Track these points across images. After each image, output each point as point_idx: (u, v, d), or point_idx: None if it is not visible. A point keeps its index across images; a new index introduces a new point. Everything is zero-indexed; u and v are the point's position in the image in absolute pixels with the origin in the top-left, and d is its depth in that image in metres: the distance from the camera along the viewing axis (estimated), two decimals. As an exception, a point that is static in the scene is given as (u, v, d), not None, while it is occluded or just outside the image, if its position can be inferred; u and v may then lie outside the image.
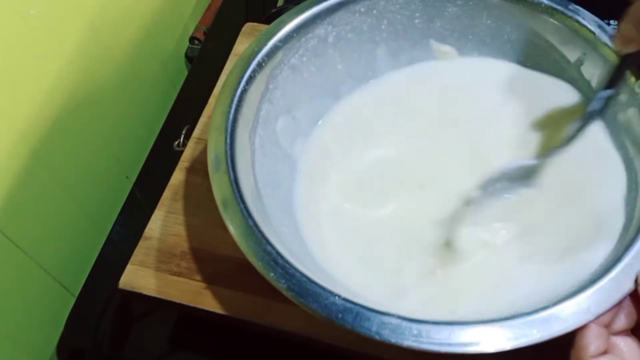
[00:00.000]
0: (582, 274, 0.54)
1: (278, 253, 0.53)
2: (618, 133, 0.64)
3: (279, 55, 0.68)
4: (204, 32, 0.96)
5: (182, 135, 0.75)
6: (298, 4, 0.69)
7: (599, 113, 0.61)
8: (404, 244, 0.64)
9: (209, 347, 0.68)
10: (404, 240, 0.64)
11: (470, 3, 0.72)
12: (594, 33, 0.65)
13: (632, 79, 0.61)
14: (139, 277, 0.64)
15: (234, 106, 0.63)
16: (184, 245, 0.66)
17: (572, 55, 0.68)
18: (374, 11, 0.72)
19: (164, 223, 0.67)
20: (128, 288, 0.64)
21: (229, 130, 0.61)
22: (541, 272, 0.59)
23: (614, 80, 0.60)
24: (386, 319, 0.49)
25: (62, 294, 0.79)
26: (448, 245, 0.62)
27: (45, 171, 0.72)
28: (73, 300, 0.73)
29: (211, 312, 0.62)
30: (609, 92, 0.60)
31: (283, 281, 0.51)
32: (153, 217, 0.68)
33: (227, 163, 0.59)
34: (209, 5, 1.00)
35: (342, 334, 0.53)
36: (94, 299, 0.72)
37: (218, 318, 0.62)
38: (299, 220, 0.65)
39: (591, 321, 0.49)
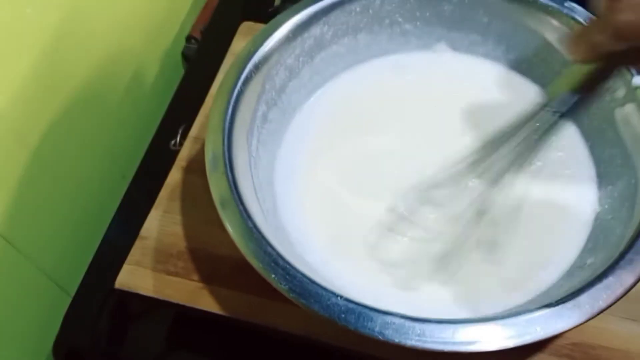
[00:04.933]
0: None
1: (278, 254, 0.53)
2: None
3: (275, 56, 0.68)
4: (201, 31, 0.96)
5: (179, 135, 0.75)
6: (294, 3, 0.69)
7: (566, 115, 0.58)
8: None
9: (206, 347, 0.67)
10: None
11: (466, 1, 0.72)
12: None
13: (629, 76, 0.62)
14: (135, 277, 0.64)
15: (231, 107, 0.63)
16: (180, 245, 0.66)
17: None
18: (370, 11, 0.72)
19: (161, 223, 0.67)
20: (124, 288, 0.64)
21: (227, 130, 0.61)
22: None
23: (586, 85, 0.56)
24: (389, 318, 0.49)
25: (58, 294, 0.79)
26: None
27: (41, 171, 0.72)
28: (69, 300, 0.72)
29: (208, 312, 0.62)
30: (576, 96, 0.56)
31: (284, 283, 0.51)
32: (150, 217, 0.68)
33: (225, 164, 0.59)
34: (206, 4, 0.99)
35: (341, 333, 0.53)
36: (90, 299, 0.71)
37: (215, 318, 0.62)
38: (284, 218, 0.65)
39: None
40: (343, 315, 0.49)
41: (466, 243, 0.63)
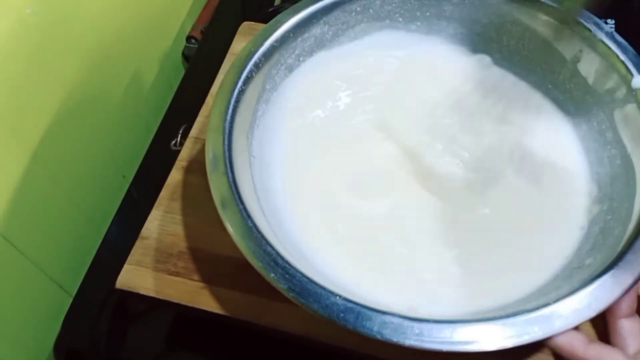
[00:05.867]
0: None
1: (278, 254, 0.53)
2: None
3: (276, 56, 0.68)
4: (201, 31, 0.96)
5: (179, 135, 0.75)
6: (295, 3, 0.69)
7: None
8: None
9: (207, 347, 0.67)
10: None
11: (467, 2, 0.72)
12: (590, 30, 0.65)
13: (629, 76, 0.62)
14: (136, 277, 0.64)
15: (231, 107, 0.63)
16: (181, 245, 0.66)
17: (568, 52, 0.68)
18: (370, 10, 0.72)
19: (161, 223, 0.67)
20: (125, 288, 0.63)
21: (227, 130, 0.61)
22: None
23: None
24: (388, 318, 0.49)
25: (59, 294, 0.79)
26: None
27: (41, 171, 0.72)
28: (70, 300, 0.72)
29: (209, 312, 0.62)
30: None
31: (283, 282, 0.51)
32: (150, 217, 0.68)
33: (225, 164, 0.59)
34: (206, 4, 1.00)
35: (340, 333, 0.53)
36: (91, 299, 0.71)
37: (215, 318, 0.62)
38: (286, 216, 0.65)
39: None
40: (342, 315, 0.49)
41: (467, 234, 0.64)
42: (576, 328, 0.49)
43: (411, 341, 0.48)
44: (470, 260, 0.62)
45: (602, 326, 0.56)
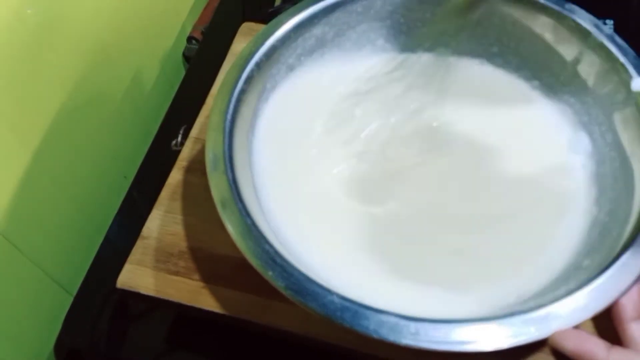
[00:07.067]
0: None
1: (276, 252, 0.53)
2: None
3: (277, 55, 0.68)
4: (202, 31, 0.96)
5: (180, 135, 0.75)
6: (295, 3, 0.70)
7: None
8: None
9: (207, 347, 0.67)
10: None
11: (467, 3, 0.72)
12: (590, 32, 0.65)
13: (628, 79, 0.62)
14: (136, 276, 0.64)
15: (232, 106, 0.63)
16: (181, 244, 0.66)
17: (568, 54, 0.68)
18: (371, 11, 0.72)
19: (162, 222, 0.67)
20: (126, 287, 0.64)
21: (227, 130, 0.61)
22: None
23: None
24: (384, 317, 0.49)
25: (60, 294, 0.79)
26: None
27: (42, 171, 0.72)
28: (71, 300, 0.72)
29: (209, 312, 0.62)
30: None
31: (281, 280, 0.51)
32: (151, 217, 0.68)
33: (225, 163, 0.59)
34: (207, 5, 1.00)
35: (340, 332, 0.53)
36: (91, 299, 0.71)
37: (215, 318, 0.62)
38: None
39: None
40: (339, 313, 0.49)
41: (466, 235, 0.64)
42: (577, 327, 0.49)
43: (407, 340, 0.48)
44: (468, 261, 0.62)
45: (610, 332, 0.56)
